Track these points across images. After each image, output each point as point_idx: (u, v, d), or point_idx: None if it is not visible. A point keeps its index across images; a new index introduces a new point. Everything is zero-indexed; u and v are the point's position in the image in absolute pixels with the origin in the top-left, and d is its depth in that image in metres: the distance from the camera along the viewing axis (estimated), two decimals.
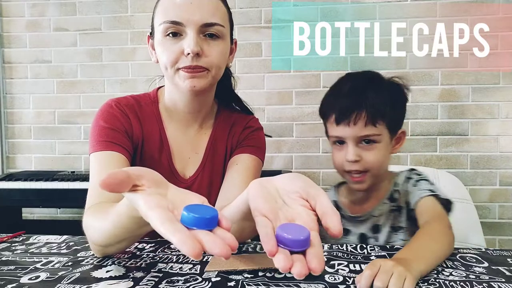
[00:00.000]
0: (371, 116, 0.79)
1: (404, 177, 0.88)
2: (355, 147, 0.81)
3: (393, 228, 0.86)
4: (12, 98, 2.33)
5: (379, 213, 0.87)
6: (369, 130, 0.79)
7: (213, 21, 0.76)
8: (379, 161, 0.82)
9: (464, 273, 0.61)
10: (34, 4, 2.29)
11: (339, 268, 0.62)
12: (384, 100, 0.81)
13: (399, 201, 0.86)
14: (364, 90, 0.82)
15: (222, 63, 0.81)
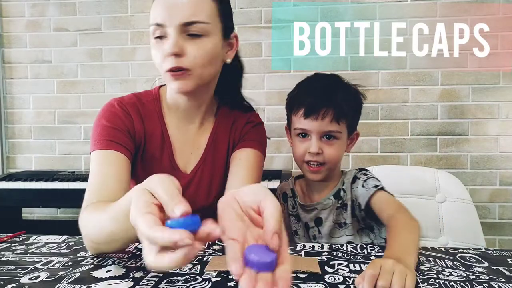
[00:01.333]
0: (337, 114, 0.86)
1: (352, 176, 0.93)
2: (318, 141, 0.88)
3: (337, 223, 0.92)
4: (12, 98, 2.33)
5: (322, 207, 0.94)
6: (333, 126, 0.87)
7: (193, 19, 0.74)
8: (337, 156, 0.90)
9: (464, 273, 0.61)
10: (34, 4, 2.29)
11: (339, 268, 0.62)
12: (349, 102, 0.90)
13: (344, 198, 0.93)
14: (334, 90, 0.90)
15: (207, 62, 0.78)
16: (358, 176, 0.92)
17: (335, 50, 2.15)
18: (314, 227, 0.94)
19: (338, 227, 0.92)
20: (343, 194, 0.93)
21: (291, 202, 1.00)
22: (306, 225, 0.96)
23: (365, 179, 0.90)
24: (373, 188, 0.86)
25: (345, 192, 0.92)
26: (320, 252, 0.70)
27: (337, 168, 0.96)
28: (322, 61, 2.15)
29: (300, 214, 0.97)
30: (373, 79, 2.13)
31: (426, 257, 0.69)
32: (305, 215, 0.96)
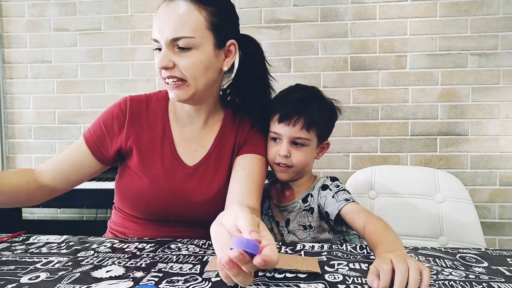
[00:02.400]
0: (307, 123, 0.93)
1: (321, 183, 0.98)
2: (288, 145, 0.94)
3: (302, 226, 0.97)
4: (12, 98, 2.33)
5: (291, 209, 0.99)
6: (302, 133, 0.93)
7: (179, 35, 0.79)
8: (303, 161, 0.96)
9: (464, 273, 0.61)
10: (34, 4, 2.29)
11: (339, 268, 0.62)
12: (320, 114, 0.96)
13: (311, 203, 0.97)
14: (308, 101, 0.97)
15: (198, 72, 0.83)
16: (329, 186, 0.97)
17: (335, 50, 2.15)
18: (284, 227, 1.00)
19: (303, 229, 0.97)
20: (310, 198, 0.98)
21: (266, 203, 1.06)
22: (277, 223, 1.01)
23: (337, 191, 0.94)
24: (343, 201, 0.90)
25: (312, 197, 0.98)
26: (320, 252, 0.70)
27: (307, 173, 1.02)
28: (322, 61, 2.15)
29: (274, 213, 1.03)
30: (373, 79, 2.13)
31: (426, 257, 0.69)
32: (278, 214, 1.02)
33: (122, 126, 0.91)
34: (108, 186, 1.72)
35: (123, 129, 0.91)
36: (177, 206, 0.88)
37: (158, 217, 0.89)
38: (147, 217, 0.90)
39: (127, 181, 0.91)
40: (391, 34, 2.11)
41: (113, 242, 0.78)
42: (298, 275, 0.59)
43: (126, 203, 0.92)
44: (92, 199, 1.75)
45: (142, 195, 0.88)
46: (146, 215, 0.90)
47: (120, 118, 0.91)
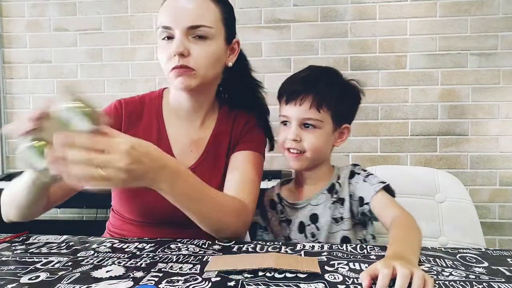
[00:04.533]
0: (316, 101, 0.85)
1: (348, 171, 0.92)
2: (297, 128, 0.87)
3: (334, 219, 0.90)
4: (12, 98, 2.33)
5: (315, 203, 0.91)
6: (312, 113, 0.85)
7: (199, 23, 0.80)
8: (316, 145, 0.87)
9: (464, 273, 0.61)
10: (34, 4, 2.29)
11: (339, 268, 0.62)
12: (331, 91, 0.87)
13: (340, 193, 0.91)
14: (316, 79, 0.89)
15: (211, 63, 0.84)
16: (357, 172, 0.91)
17: (335, 50, 2.15)
18: (311, 225, 0.91)
19: (335, 222, 0.90)
20: (339, 188, 0.91)
21: (279, 208, 0.97)
22: (301, 224, 0.93)
23: (366, 174, 0.89)
24: (379, 183, 0.84)
25: (340, 186, 0.91)
26: (320, 252, 0.70)
27: (326, 163, 0.94)
28: (322, 61, 2.15)
29: (291, 215, 0.94)
30: (373, 79, 2.13)
31: (426, 257, 0.69)
32: (297, 214, 0.94)
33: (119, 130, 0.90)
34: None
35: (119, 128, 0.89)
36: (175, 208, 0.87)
37: (156, 220, 0.88)
38: (145, 220, 0.89)
39: None
40: (391, 34, 2.11)
41: (113, 242, 0.78)
42: (298, 275, 0.59)
43: (123, 206, 0.91)
44: (92, 199, 1.75)
45: (139, 199, 0.87)
46: (143, 218, 0.89)
47: (116, 120, 0.90)
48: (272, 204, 1.00)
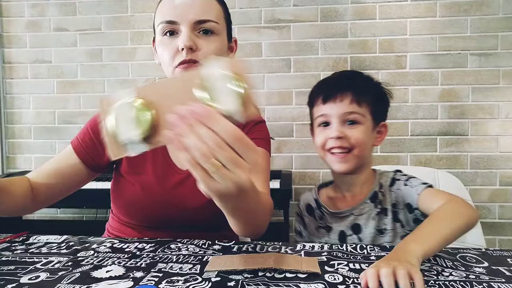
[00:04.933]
0: (356, 95, 0.83)
1: (390, 178, 0.88)
2: (339, 125, 0.83)
3: (378, 230, 0.86)
4: (12, 98, 2.33)
5: (358, 213, 0.88)
6: (353, 107, 0.83)
7: (206, 17, 0.79)
8: (362, 139, 0.83)
9: (464, 273, 0.61)
10: (34, 4, 2.29)
11: (339, 268, 0.62)
12: (368, 87, 0.86)
13: (383, 202, 0.86)
14: (352, 78, 0.88)
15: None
16: (397, 178, 0.87)
17: (335, 50, 2.15)
18: (353, 235, 0.87)
19: (379, 234, 0.85)
20: (382, 197, 0.86)
21: (317, 214, 0.93)
22: (342, 234, 0.88)
23: (406, 178, 0.85)
24: (421, 185, 0.80)
25: (383, 195, 0.86)
26: (320, 252, 0.70)
27: (368, 165, 0.89)
28: (322, 61, 2.15)
29: (332, 223, 0.90)
30: None
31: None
32: (339, 223, 0.89)
33: None
34: (108, 186, 1.71)
35: None
36: (172, 212, 0.85)
37: (154, 224, 0.87)
38: (142, 224, 0.88)
39: (119, 188, 0.89)
40: (391, 34, 2.11)
41: (113, 242, 0.78)
42: (298, 275, 0.59)
43: (120, 210, 0.90)
44: (92, 199, 1.75)
45: (135, 203, 0.86)
46: (141, 222, 0.88)
47: None
48: (309, 209, 0.97)
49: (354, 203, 0.89)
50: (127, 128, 0.44)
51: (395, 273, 0.53)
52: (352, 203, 0.89)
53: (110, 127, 0.45)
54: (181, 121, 0.42)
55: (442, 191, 0.80)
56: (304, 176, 2.15)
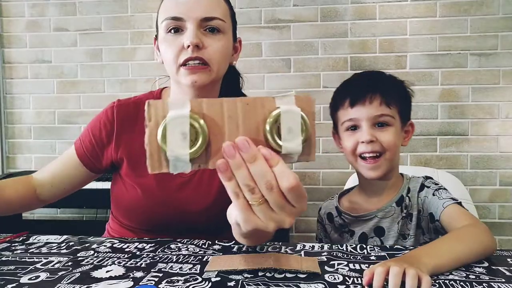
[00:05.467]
0: (385, 97, 0.81)
1: (419, 184, 0.86)
2: (369, 128, 0.81)
3: (401, 235, 0.85)
4: (12, 98, 2.33)
5: (382, 215, 0.86)
6: (383, 109, 0.81)
7: (213, 15, 0.77)
8: (394, 142, 0.82)
9: (464, 273, 0.61)
10: (34, 4, 2.29)
11: (339, 268, 0.62)
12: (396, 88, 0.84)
13: (409, 207, 0.85)
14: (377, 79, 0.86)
15: (223, 58, 0.81)
16: (427, 185, 0.85)
17: (335, 50, 2.15)
18: (374, 237, 0.86)
19: (402, 239, 0.84)
20: (408, 202, 0.84)
21: (338, 221, 0.93)
22: (363, 236, 0.87)
23: (437, 188, 0.83)
24: (449, 199, 0.77)
25: (410, 200, 0.85)
26: (320, 252, 0.70)
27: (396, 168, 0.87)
28: (322, 61, 2.15)
29: (355, 227, 0.89)
30: None
31: None
32: (361, 226, 0.88)
33: (111, 136, 0.87)
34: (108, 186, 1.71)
35: (112, 139, 0.86)
36: (174, 216, 0.84)
37: (154, 227, 0.86)
38: (143, 228, 0.87)
39: (120, 190, 0.88)
40: (391, 34, 2.11)
41: (113, 242, 0.78)
42: (298, 275, 0.59)
43: (121, 213, 0.90)
44: (92, 199, 1.75)
45: (136, 206, 0.85)
46: (142, 225, 0.87)
47: (107, 127, 0.86)
48: (330, 217, 0.96)
49: (379, 206, 0.87)
50: (176, 144, 0.40)
51: (405, 273, 0.53)
52: (377, 206, 0.88)
53: (158, 139, 0.40)
54: (238, 154, 0.40)
55: (468, 212, 0.77)
56: (304, 176, 2.15)
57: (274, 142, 0.41)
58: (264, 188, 0.40)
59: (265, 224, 0.42)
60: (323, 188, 2.11)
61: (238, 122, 0.41)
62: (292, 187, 0.39)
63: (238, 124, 0.41)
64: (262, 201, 0.41)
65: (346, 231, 0.92)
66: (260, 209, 0.41)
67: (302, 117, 0.42)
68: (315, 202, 2.05)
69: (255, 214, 0.41)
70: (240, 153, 0.40)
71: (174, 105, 0.41)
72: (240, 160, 0.40)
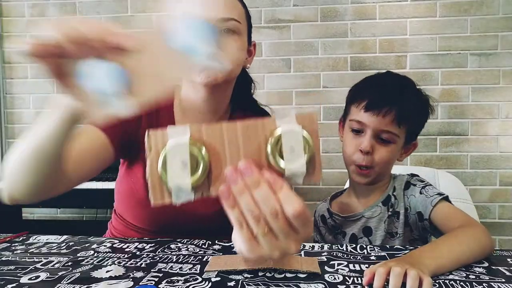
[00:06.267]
0: (399, 116, 0.80)
1: (404, 182, 0.87)
2: (371, 138, 0.81)
3: (389, 233, 0.86)
4: (12, 98, 2.33)
5: (369, 215, 0.88)
6: (392, 127, 0.80)
7: (230, 16, 0.78)
8: (387, 160, 0.83)
9: (464, 273, 0.61)
10: (34, 4, 2.29)
11: (339, 268, 0.62)
12: (415, 108, 0.83)
13: (395, 206, 0.86)
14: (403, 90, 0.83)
15: (238, 59, 0.81)
16: (413, 183, 0.86)
17: (335, 50, 2.15)
18: (363, 237, 0.87)
19: (390, 237, 0.85)
20: (394, 201, 0.86)
21: (330, 223, 0.94)
22: (353, 236, 0.89)
23: (423, 185, 0.83)
24: (436, 196, 0.78)
25: (396, 199, 0.86)
26: (320, 252, 0.70)
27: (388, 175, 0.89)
28: (322, 61, 2.15)
29: (346, 228, 0.90)
30: None
31: None
32: (351, 226, 0.89)
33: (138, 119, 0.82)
34: (108, 186, 1.72)
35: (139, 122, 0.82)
36: (184, 219, 0.83)
37: (162, 229, 0.85)
38: (151, 228, 0.86)
39: (129, 188, 0.85)
40: (391, 34, 2.11)
41: (113, 242, 0.78)
42: (298, 275, 0.59)
43: (128, 212, 0.88)
44: (92, 199, 1.75)
45: (145, 207, 0.83)
46: (149, 226, 0.86)
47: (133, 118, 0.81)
48: (323, 219, 0.98)
49: (366, 206, 0.89)
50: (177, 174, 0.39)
51: (406, 273, 0.53)
52: (365, 206, 0.89)
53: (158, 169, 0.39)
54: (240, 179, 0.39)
55: (458, 209, 0.78)
56: None
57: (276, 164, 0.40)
58: (268, 214, 0.38)
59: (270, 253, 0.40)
60: (323, 188, 2.11)
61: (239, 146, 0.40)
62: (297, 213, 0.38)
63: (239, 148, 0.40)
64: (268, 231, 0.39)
65: (339, 232, 0.93)
66: (265, 239, 0.39)
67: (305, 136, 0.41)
68: (315, 202, 2.05)
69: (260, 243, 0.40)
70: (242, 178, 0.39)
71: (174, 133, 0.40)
72: (243, 186, 0.39)
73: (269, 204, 0.38)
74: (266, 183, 0.38)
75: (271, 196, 0.38)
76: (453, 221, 0.74)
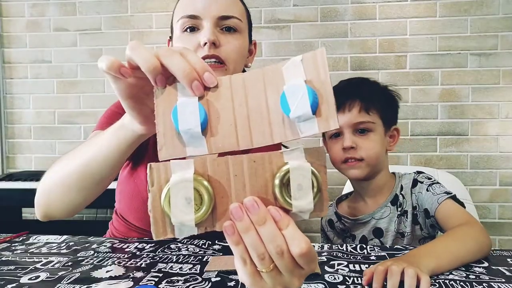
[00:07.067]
0: (364, 104, 0.83)
1: (411, 180, 0.87)
2: (351, 135, 0.84)
3: (399, 233, 0.86)
4: (12, 98, 2.33)
5: (379, 216, 0.88)
6: (363, 116, 0.83)
7: (230, 13, 0.77)
8: (374, 149, 0.84)
9: (464, 273, 0.61)
10: (34, 4, 2.29)
11: (339, 268, 0.62)
12: (376, 94, 0.86)
13: (404, 205, 0.86)
14: (357, 85, 0.88)
15: (239, 57, 0.80)
16: (420, 180, 0.86)
17: (335, 50, 2.15)
18: (374, 239, 0.87)
19: (401, 237, 0.85)
20: (402, 200, 0.86)
21: (339, 226, 0.94)
22: (363, 238, 0.89)
23: (430, 183, 0.84)
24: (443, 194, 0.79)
25: (404, 198, 0.86)
26: (320, 252, 0.70)
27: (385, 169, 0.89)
28: None
29: (355, 230, 0.90)
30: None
31: None
32: (361, 229, 0.89)
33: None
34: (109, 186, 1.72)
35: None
36: None
37: None
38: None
39: (132, 190, 0.84)
40: (391, 34, 2.11)
41: (113, 242, 0.78)
42: None
43: (131, 213, 0.87)
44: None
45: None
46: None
47: None
48: (331, 223, 0.97)
49: (375, 207, 0.89)
50: (180, 210, 0.38)
51: (404, 272, 0.53)
52: (373, 208, 0.89)
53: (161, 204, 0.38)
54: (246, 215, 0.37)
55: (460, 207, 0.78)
56: None
57: (283, 200, 0.39)
58: (274, 253, 0.37)
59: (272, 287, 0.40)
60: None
61: (244, 181, 0.39)
62: (303, 254, 0.37)
63: (244, 183, 0.39)
64: (272, 267, 0.38)
65: (348, 236, 0.92)
66: (269, 275, 0.39)
67: (313, 172, 0.40)
68: None
69: (263, 279, 0.39)
70: (248, 215, 0.37)
71: (177, 166, 0.39)
72: (248, 223, 0.37)
73: (275, 243, 0.37)
74: (272, 220, 0.37)
75: (277, 234, 0.37)
76: (454, 219, 0.75)
